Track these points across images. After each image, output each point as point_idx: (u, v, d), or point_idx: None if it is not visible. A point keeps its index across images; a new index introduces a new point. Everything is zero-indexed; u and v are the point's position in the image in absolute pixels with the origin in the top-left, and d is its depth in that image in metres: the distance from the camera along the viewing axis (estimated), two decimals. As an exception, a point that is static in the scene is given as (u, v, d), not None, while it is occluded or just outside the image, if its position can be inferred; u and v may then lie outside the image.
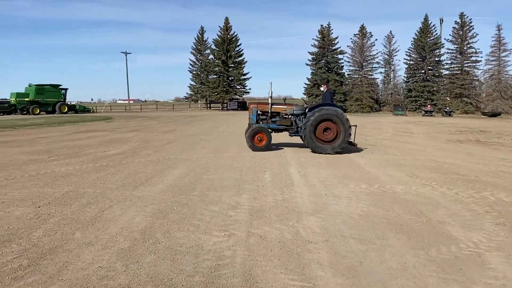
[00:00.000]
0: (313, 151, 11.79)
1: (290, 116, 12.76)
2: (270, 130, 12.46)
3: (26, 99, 49.60)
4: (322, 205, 5.86)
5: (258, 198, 6.22)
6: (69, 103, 56.64)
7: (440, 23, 61.86)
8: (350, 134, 11.96)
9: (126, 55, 75.41)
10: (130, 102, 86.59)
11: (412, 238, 4.48)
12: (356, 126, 12.65)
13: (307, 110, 12.36)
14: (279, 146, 13.37)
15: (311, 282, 3.40)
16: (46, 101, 50.83)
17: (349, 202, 6.02)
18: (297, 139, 14.23)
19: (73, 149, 12.53)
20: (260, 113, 12.97)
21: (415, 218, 5.23)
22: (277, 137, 14.52)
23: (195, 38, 72.85)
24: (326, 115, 11.82)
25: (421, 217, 5.28)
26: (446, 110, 49.07)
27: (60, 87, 53.29)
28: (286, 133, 13.00)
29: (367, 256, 3.97)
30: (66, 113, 50.63)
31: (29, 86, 51.07)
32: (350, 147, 12.59)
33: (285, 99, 14.89)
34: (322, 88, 13.33)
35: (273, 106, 12.80)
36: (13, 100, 49.70)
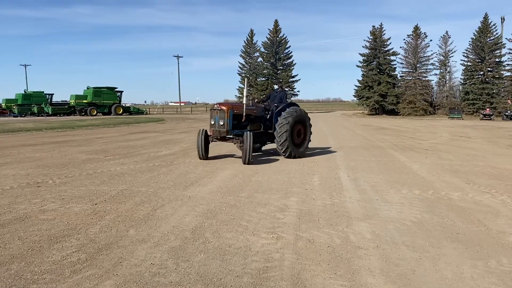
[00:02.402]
0: (288, 157, 10.81)
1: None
2: None
3: (84, 101, 52.33)
4: (373, 210, 5.72)
5: (306, 202, 6.17)
6: (124, 105, 59.15)
7: (502, 22, 58.74)
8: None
9: (178, 59, 77.74)
10: (181, 104, 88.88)
11: (470, 248, 4.26)
12: None
13: (272, 111, 11.13)
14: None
15: (361, 289, 3.31)
16: (103, 103, 53.35)
17: (401, 208, 5.82)
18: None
19: (128, 149, 13.04)
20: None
21: (472, 227, 4.98)
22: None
23: (244, 41, 73.61)
24: (300, 116, 10.99)
25: (479, 226, 5.02)
26: (507, 113, 46.23)
27: (115, 89, 55.76)
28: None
29: (421, 264, 3.82)
30: (121, 114, 52.88)
31: (87, 88, 53.86)
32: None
33: (253, 98, 12.75)
34: (276, 87, 11.59)
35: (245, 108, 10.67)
36: (73, 102, 52.63)
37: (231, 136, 10.40)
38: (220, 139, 10.68)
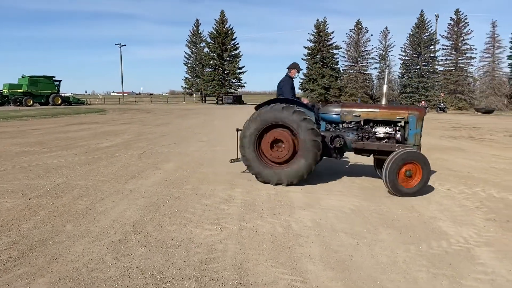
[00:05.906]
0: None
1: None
2: None
3: (19, 90, 49.12)
4: (314, 199, 5.87)
5: (251, 192, 6.22)
6: (62, 95, 56.13)
7: (436, 19, 62.13)
8: None
9: (120, 47, 74.97)
10: (124, 94, 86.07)
11: (403, 233, 4.50)
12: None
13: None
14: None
15: (302, 275, 3.40)
16: (40, 92, 50.35)
17: (341, 197, 6.03)
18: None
19: (66, 141, 12.45)
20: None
21: (406, 213, 5.25)
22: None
23: (190, 31, 72.48)
24: None
25: (412, 212, 5.31)
26: (440, 106, 49.14)
27: (53, 78, 52.83)
28: None
29: (358, 250, 3.98)
30: (59, 105, 50.21)
31: (22, 77, 50.56)
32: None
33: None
34: (297, 74, 7.87)
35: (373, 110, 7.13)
36: (6, 91, 49.18)
37: None
38: None
